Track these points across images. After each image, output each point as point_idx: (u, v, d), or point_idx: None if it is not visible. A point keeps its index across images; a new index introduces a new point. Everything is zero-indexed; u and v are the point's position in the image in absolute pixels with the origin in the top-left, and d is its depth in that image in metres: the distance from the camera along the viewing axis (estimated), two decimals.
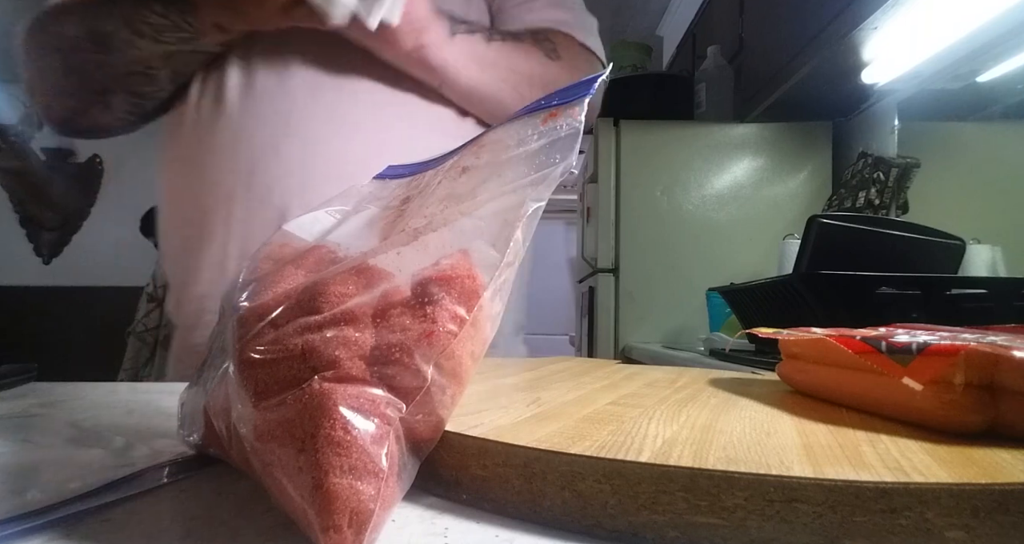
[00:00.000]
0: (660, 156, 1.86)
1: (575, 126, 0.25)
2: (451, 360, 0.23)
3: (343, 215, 0.32)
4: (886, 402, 0.28)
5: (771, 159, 1.85)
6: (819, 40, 1.41)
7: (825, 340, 0.31)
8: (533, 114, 0.27)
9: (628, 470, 0.21)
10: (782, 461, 0.21)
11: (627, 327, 1.83)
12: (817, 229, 0.86)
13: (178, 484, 0.27)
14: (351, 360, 0.21)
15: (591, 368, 0.52)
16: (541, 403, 0.32)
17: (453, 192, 0.26)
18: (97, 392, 0.54)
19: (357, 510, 0.19)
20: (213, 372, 0.27)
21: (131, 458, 0.31)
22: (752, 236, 1.80)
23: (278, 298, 0.24)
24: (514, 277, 0.25)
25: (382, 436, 0.20)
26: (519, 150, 0.26)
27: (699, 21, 2.50)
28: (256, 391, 0.22)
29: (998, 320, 0.67)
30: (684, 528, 0.20)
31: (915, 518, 0.18)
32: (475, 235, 0.24)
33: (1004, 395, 0.24)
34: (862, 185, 1.57)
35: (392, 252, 0.25)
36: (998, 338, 0.28)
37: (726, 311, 1.34)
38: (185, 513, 0.24)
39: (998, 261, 1.26)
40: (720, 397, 0.35)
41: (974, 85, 1.42)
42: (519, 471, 0.23)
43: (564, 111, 0.26)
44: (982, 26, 1.19)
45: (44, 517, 0.22)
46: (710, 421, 0.28)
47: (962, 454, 0.21)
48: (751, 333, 0.45)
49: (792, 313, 0.80)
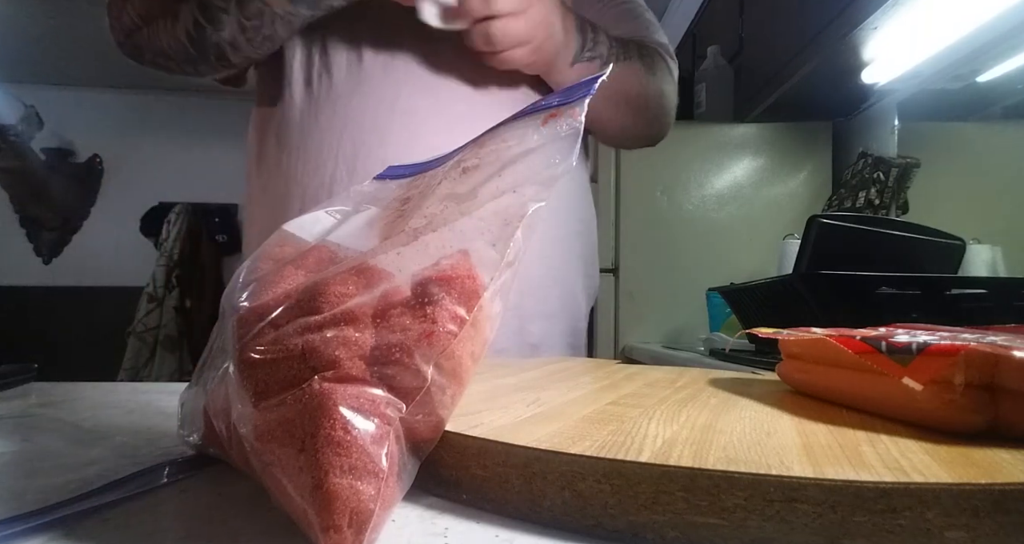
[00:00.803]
0: (660, 156, 1.85)
1: (575, 127, 0.25)
2: (451, 360, 0.23)
3: (343, 215, 0.32)
4: (886, 402, 0.28)
5: (771, 159, 1.85)
6: (819, 40, 1.41)
7: (825, 340, 0.31)
8: (534, 115, 0.27)
9: (628, 470, 0.21)
10: (782, 461, 0.21)
11: (627, 327, 1.83)
12: (817, 229, 0.86)
13: (178, 484, 0.27)
14: (351, 360, 0.21)
15: (591, 368, 0.52)
16: (541, 403, 0.32)
17: (453, 192, 0.26)
18: (97, 392, 0.54)
19: (357, 510, 0.19)
20: (213, 372, 0.27)
21: (131, 458, 0.31)
22: (752, 236, 1.80)
23: (278, 298, 0.24)
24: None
25: (382, 436, 0.20)
26: (520, 150, 0.26)
27: (699, 21, 2.50)
28: (256, 391, 0.22)
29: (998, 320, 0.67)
30: (684, 528, 0.20)
31: (915, 518, 0.18)
32: (475, 235, 0.24)
33: (1004, 395, 0.24)
34: (862, 185, 1.57)
35: (392, 252, 0.25)
36: (998, 338, 0.28)
37: (726, 311, 1.34)
38: (185, 513, 0.24)
39: (998, 261, 1.26)
40: (720, 397, 0.35)
41: (974, 85, 1.42)
42: (519, 471, 0.23)
43: (565, 111, 0.26)
44: (982, 26, 1.19)
45: (44, 517, 0.22)
46: (710, 421, 0.28)
47: (962, 454, 0.21)
48: (751, 333, 0.45)
49: (792, 313, 0.80)
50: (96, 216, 3.77)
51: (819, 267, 0.82)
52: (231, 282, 0.28)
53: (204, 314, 3.46)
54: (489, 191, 0.25)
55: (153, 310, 3.37)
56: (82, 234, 3.76)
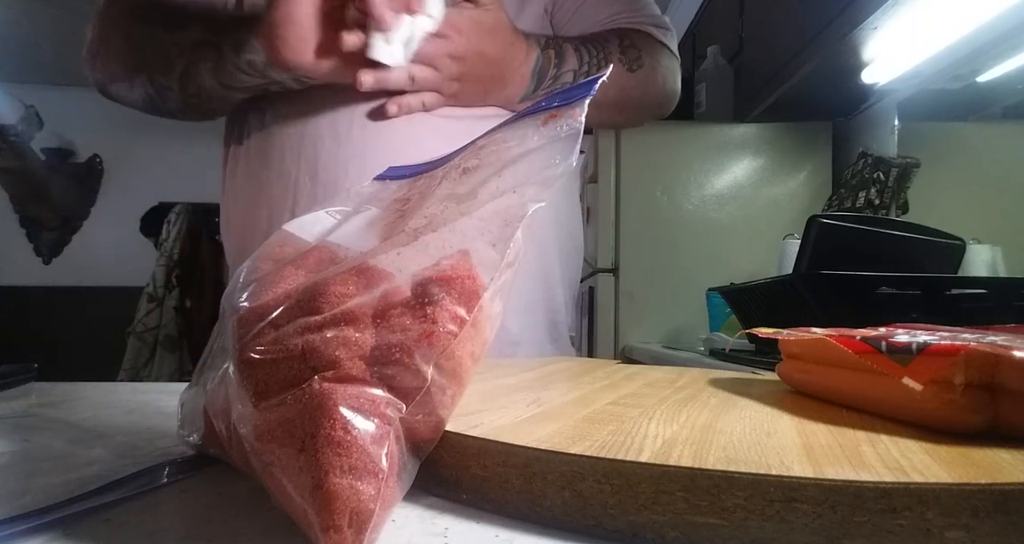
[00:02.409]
0: (660, 156, 1.86)
1: (575, 127, 0.25)
2: (451, 360, 0.23)
3: (343, 216, 0.32)
4: (886, 402, 0.28)
5: (771, 159, 1.85)
6: (819, 40, 1.41)
7: (825, 340, 0.31)
8: (534, 115, 0.27)
9: (628, 470, 0.21)
10: (782, 461, 0.21)
11: (627, 327, 1.83)
12: (817, 229, 0.86)
13: (178, 484, 0.27)
14: (351, 360, 0.21)
15: (591, 368, 0.52)
16: (541, 403, 0.32)
17: (454, 192, 0.26)
18: (97, 392, 0.54)
19: (357, 510, 0.19)
20: (213, 372, 0.27)
21: (131, 458, 0.31)
22: (752, 236, 1.80)
23: (278, 298, 0.24)
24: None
25: (382, 436, 0.20)
26: (520, 151, 0.26)
27: (699, 21, 2.50)
28: (256, 391, 0.22)
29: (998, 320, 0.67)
30: (684, 528, 0.20)
31: (915, 518, 0.18)
32: (475, 235, 0.24)
33: (1004, 395, 0.24)
34: (862, 185, 1.57)
35: (392, 252, 0.25)
36: (998, 338, 0.28)
37: (726, 311, 1.34)
38: (185, 513, 0.24)
39: (998, 261, 1.26)
40: (720, 397, 0.35)
41: (974, 85, 1.42)
42: (519, 471, 0.23)
43: (564, 112, 0.26)
44: (982, 26, 1.19)
45: (44, 517, 0.22)
46: (710, 421, 0.28)
47: (962, 454, 0.21)
48: (751, 333, 0.45)
49: (792, 313, 0.80)
50: (96, 216, 3.77)
51: (819, 267, 0.82)
52: (231, 282, 0.28)
53: (204, 314, 3.46)
54: (489, 191, 0.25)
55: (153, 310, 3.37)
56: (82, 234, 3.76)
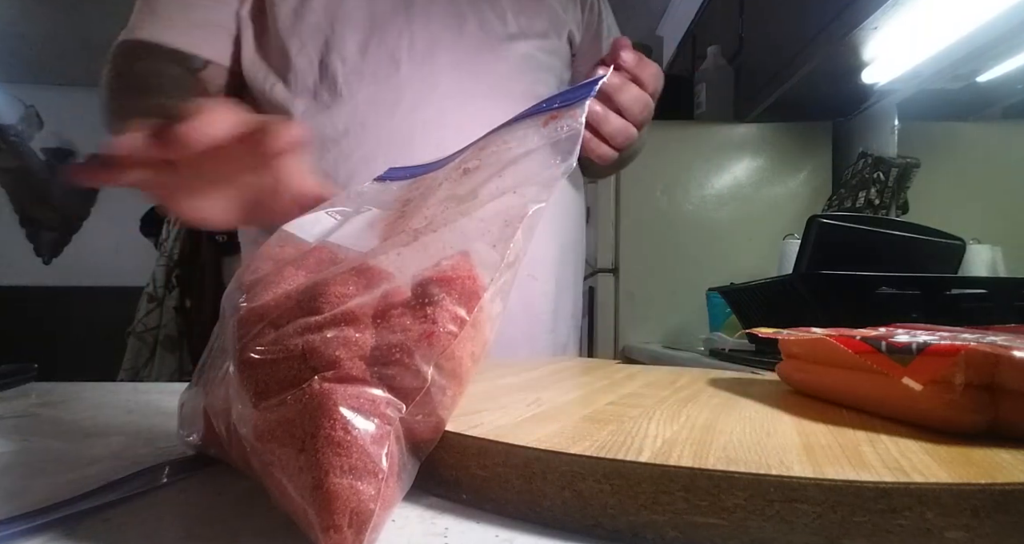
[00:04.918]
0: (660, 156, 1.86)
1: (576, 128, 0.25)
2: (451, 361, 0.23)
3: (344, 216, 0.32)
4: (886, 402, 0.28)
5: (771, 159, 1.85)
6: (819, 40, 1.41)
7: (825, 340, 0.31)
8: (534, 116, 0.27)
9: (628, 470, 0.21)
10: (782, 461, 0.21)
11: (627, 327, 1.83)
12: (817, 229, 0.86)
13: (178, 484, 0.27)
14: (351, 360, 0.21)
15: (591, 368, 0.52)
16: (541, 403, 0.32)
17: (454, 193, 0.26)
18: (97, 392, 0.54)
19: (357, 510, 0.19)
20: (213, 373, 0.27)
21: (131, 458, 0.31)
22: (752, 236, 1.80)
23: (278, 299, 0.24)
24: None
25: (382, 436, 0.20)
26: (520, 151, 0.26)
27: (699, 21, 2.50)
28: (256, 391, 0.22)
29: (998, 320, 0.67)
30: (684, 528, 0.20)
31: (915, 518, 0.18)
32: (476, 236, 0.24)
33: (1004, 395, 0.24)
34: (862, 185, 1.57)
35: (392, 253, 0.25)
36: (998, 338, 0.28)
37: (726, 311, 1.34)
38: (185, 513, 0.24)
39: (998, 261, 1.26)
40: (720, 397, 0.35)
41: (974, 85, 1.42)
42: (519, 471, 0.23)
43: (565, 113, 0.26)
44: (982, 26, 1.18)
45: (44, 517, 0.22)
46: (710, 421, 0.28)
47: (962, 454, 0.21)
48: (751, 333, 0.45)
49: (792, 313, 0.80)
50: (96, 216, 3.77)
51: (819, 267, 0.82)
52: (231, 282, 0.28)
53: (204, 314, 3.45)
54: (490, 192, 0.25)
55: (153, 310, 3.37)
56: (82, 234, 3.76)
